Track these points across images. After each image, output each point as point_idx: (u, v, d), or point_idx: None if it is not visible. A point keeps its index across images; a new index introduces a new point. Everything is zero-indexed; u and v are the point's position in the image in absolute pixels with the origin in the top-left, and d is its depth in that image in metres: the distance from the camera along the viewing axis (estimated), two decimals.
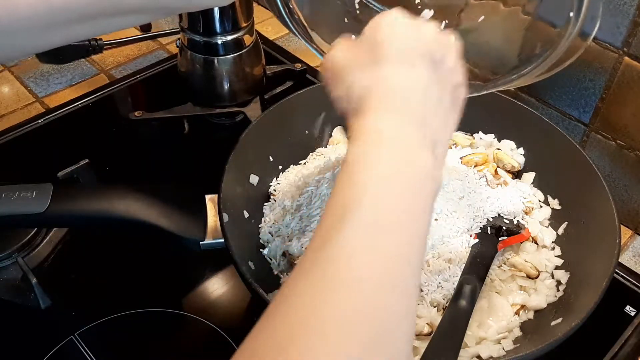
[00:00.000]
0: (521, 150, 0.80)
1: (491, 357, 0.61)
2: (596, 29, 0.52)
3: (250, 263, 0.65)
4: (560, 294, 0.67)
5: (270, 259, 0.69)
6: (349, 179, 0.39)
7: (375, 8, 0.57)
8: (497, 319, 0.65)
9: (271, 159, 0.78)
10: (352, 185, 0.39)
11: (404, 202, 0.39)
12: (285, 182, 0.77)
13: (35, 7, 0.45)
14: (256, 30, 0.94)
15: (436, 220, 0.69)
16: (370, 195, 0.38)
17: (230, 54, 0.90)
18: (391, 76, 0.42)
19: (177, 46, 0.94)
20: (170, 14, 0.56)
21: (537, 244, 0.72)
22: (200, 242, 0.67)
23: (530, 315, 0.66)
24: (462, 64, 0.46)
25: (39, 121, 0.96)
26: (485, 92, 0.54)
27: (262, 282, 0.61)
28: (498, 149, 0.80)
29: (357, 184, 0.38)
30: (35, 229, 0.78)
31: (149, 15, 0.52)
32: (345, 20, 0.57)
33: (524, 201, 0.74)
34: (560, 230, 0.73)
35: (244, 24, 0.90)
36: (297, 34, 0.53)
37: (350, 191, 0.38)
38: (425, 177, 0.41)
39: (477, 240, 0.69)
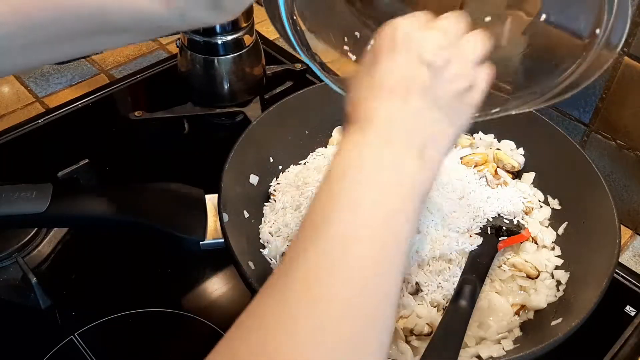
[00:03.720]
0: (521, 150, 0.80)
1: (491, 357, 0.61)
2: (624, 36, 0.47)
3: (250, 263, 0.65)
4: (560, 294, 0.67)
5: (270, 259, 0.69)
6: (325, 190, 0.39)
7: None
8: (497, 319, 0.65)
9: (271, 159, 0.78)
10: (326, 196, 0.39)
11: (381, 210, 0.39)
12: (285, 182, 0.77)
13: (13, 24, 0.43)
14: (256, 30, 0.94)
15: (434, 220, 0.69)
16: (342, 206, 0.38)
17: (230, 54, 0.90)
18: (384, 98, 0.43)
19: (177, 46, 0.94)
20: (163, 34, 0.54)
21: (537, 244, 0.72)
22: (200, 242, 0.67)
23: (530, 315, 0.66)
24: (474, 68, 0.46)
25: (39, 121, 0.96)
26: (501, 114, 0.52)
27: (262, 282, 0.61)
28: (498, 149, 0.80)
29: (332, 195, 0.39)
30: (35, 229, 0.78)
31: (138, 35, 0.50)
32: (346, 39, 0.56)
33: (524, 201, 0.74)
34: (560, 230, 0.73)
35: (244, 24, 0.90)
36: (297, 47, 0.52)
37: (323, 203, 0.39)
38: (406, 182, 0.41)
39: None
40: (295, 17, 0.50)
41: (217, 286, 0.75)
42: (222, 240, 0.63)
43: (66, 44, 0.47)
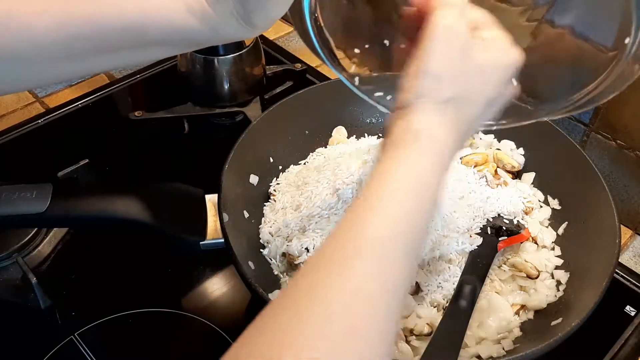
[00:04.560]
0: (521, 150, 0.80)
1: (491, 357, 0.61)
2: None
3: (250, 263, 0.65)
4: (560, 294, 0.67)
5: (270, 259, 0.69)
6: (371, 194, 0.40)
7: None
8: (497, 319, 0.65)
9: (271, 159, 0.78)
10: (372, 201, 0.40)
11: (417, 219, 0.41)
12: (285, 182, 0.77)
13: (53, 36, 0.44)
14: None
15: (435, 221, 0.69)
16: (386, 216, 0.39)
17: (230, 54, 0.90)
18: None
19: None
20: (196, 48, 0.55)
21: (537, 244, 0.72)
22: (200, 242, 0.67)
23: (530, 315, 0.66)
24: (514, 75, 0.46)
25: (39, 121, 0.96)
26: (525, 122, 0.52)
27: (262, 282, 0.61)
28: (498, 149, 0.80)
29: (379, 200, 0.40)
30: (35, 229, 0.78)
31: (172, 49, 0.51)
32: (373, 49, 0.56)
33: (524, 201, 0.74)
34: (560, 230, 0.73)
35: None
36: (321, 54, 0.52)
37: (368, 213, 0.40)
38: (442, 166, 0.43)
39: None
40: (318, 21, 0.51)
41: (217, 286, 0.75)
42: (222, 240, 0.63)
43: (103, 57, 0.48)
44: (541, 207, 0.76)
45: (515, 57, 0.45)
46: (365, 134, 0.85)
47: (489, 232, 0.70)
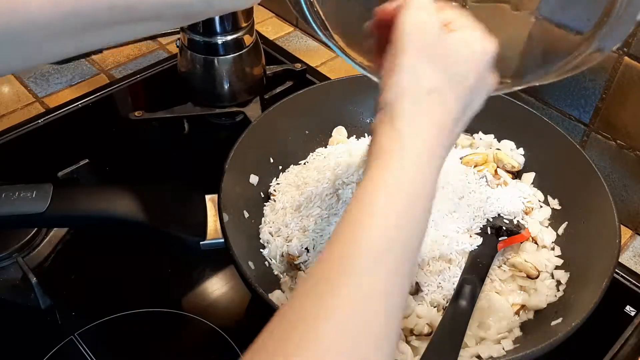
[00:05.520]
0: (521, 150, 0.80)
1: (491, 357, 0.61)
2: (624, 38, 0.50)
3: (250, 263, 0.65)
4: (560, 294, 0.67)
5: (270, 259, 0.70)
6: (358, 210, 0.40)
7: None
8: (497, 319, 0.65)
9: (271, 159, 0.78)
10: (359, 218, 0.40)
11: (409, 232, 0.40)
12: (285, 182, 0.77)
13: (47, 13, 0.44)
14: (256, 30, 0.94)
15: (435, 220, 0.69)
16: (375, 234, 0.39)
17: (230, 54, 0.90)
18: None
19: (177, 46, 0.94)
20: (190, 21, 0.54)
21: (537, 244, 0.72)
22: (201, 242, 0.67)
23: (530, 315, 0.66)
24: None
25: (39, 121, 0.96)
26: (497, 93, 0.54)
27: (262, 282, 0.61)
28: (498, 149, 0.80)
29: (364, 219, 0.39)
30: (35, 229, 0.78)
31: (166, 23, 0.51)
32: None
33: (524, 201, 0.74)
34: (560, 230, 0.73)
35: (244, 24, 0.90)
36: (314, 26, 0.52)
37: (355, 230, 0.39)
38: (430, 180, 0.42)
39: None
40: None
41: (217, 286, 0.75)
42: (222, 240, 0.63)
43: (97, 33, 0.48)
44: (541, 207, 0.76)
45: (490, 46, 0.45)
46: (365, 134, 0.85)
47: (489, 232, 0.70)
